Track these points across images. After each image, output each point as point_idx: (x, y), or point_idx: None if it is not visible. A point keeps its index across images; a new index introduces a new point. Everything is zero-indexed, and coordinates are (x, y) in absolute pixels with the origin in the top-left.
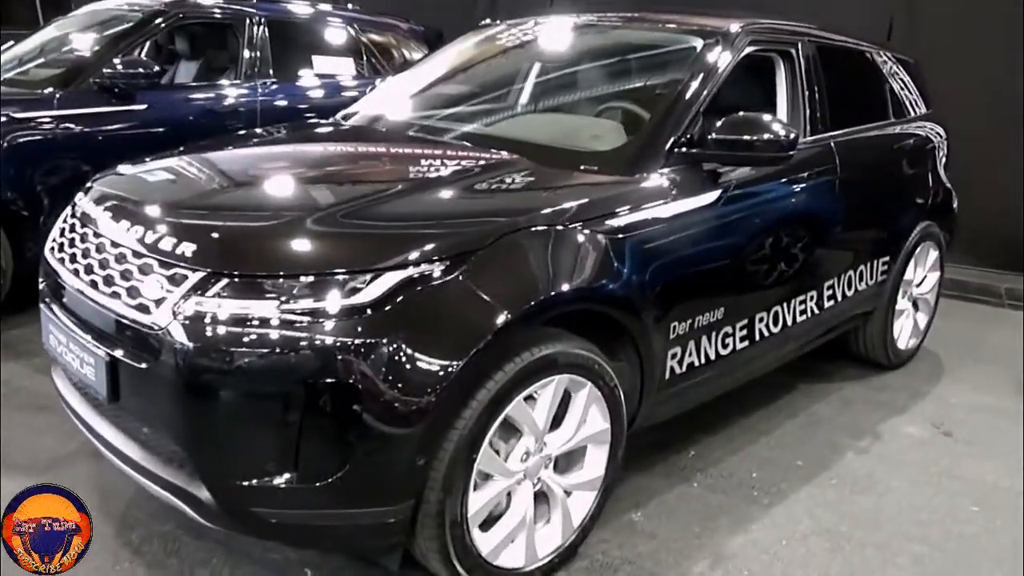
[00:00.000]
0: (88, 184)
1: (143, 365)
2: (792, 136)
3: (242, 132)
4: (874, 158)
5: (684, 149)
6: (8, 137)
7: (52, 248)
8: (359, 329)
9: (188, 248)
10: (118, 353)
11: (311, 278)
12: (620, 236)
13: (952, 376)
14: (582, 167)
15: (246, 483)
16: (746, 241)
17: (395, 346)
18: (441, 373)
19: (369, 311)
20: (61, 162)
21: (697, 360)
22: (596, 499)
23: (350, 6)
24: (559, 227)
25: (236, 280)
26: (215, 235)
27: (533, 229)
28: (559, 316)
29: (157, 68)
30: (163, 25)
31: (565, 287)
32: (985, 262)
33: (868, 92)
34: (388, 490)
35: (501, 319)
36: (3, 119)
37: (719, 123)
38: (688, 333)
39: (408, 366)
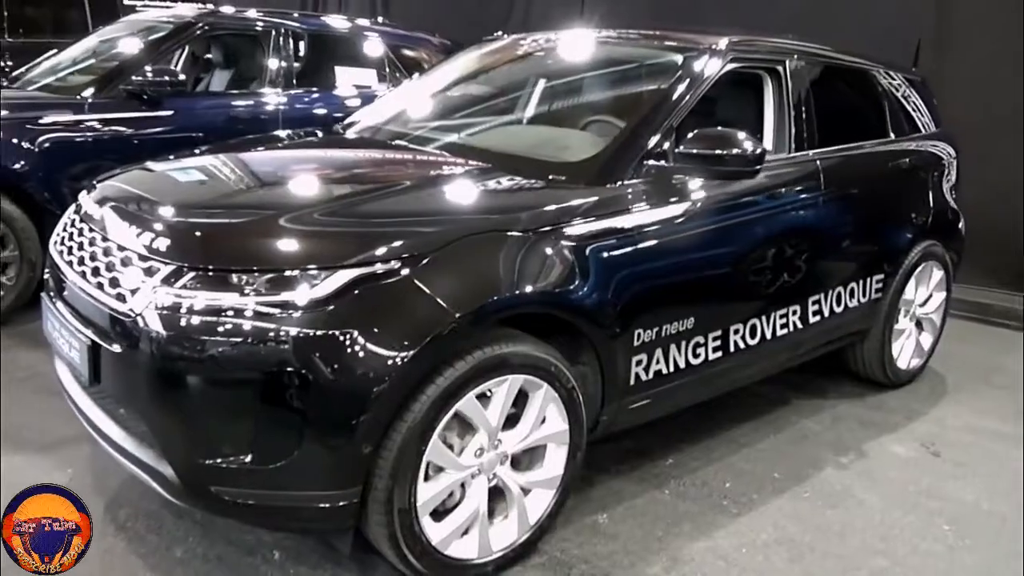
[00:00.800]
0: (91, 183)
1: (118, 349)
2: (758, 151)
3: (241, 139)
4: (865, 176)
5: (654, 161)
6: (42, 140)
7: (55, 241)
8: (311, 322)
9: (162, 243)
10: (98, 338)
11: (270, 274)
12: (579, 243)
13: (954, 398)
14: (550, 177)
15: (205, 462)
16: (717, 254)
17: (344, 339)
18: (387, 366)
19: (322, 306)
20: (91, 163)
21: (665, 368)
22: (555, 497)
23: (380, 19)
24: (517, 232)
25: (202, 273)
26: (185, 231)
27: (491, 233)
28: (518, 318)
29: (183, 76)
30: (192, 36)
31: (518, 290)
32: (1009, 285)
33: (864, 110)
34: (335, 475)
35: (449, 318)
36: (38, 123)
37: (688, 137)
38: (654, 341)
39: (355, 359)
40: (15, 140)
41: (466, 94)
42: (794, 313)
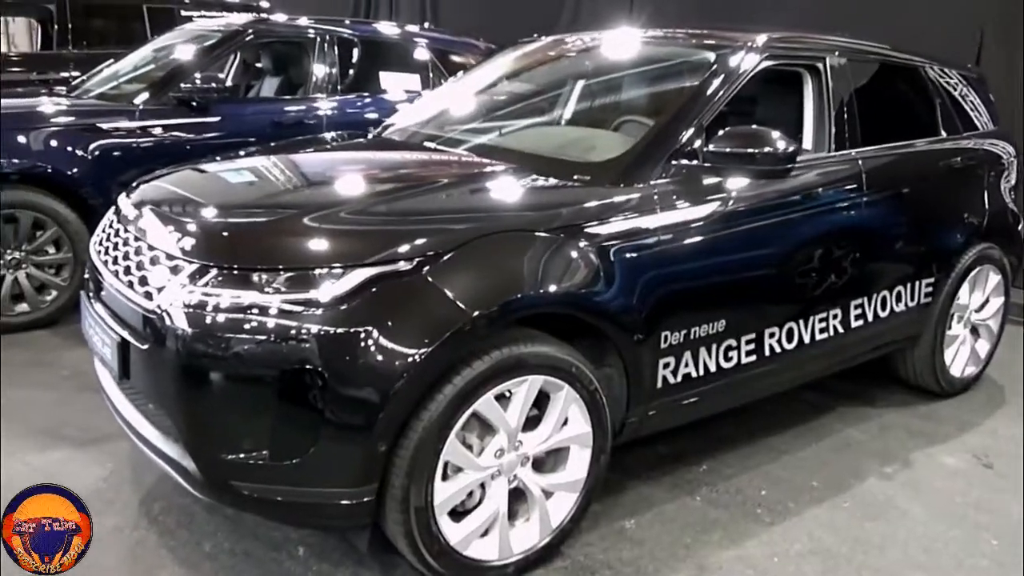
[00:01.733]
0: (132, 185)
1: (146, 346)
2: (790, 150)
3: (277, 143)
4: (913, 175)
5: (683, 160)
6: (95, 146)
7: (94, 242)
8: (330, 320)
9: (188, 242)
10: (128, 335)
11: (291, 272)
12: (603, 244)
13: (1011, 409)
14: (575, 177)
15: (226, 457)
16: (749, 256)
17: (362, 337)
18: (404, 364)
19: (340, 304)
20: (141, 168)
21: (695, 371)
22: (578, 501)
23: (427, 25)
24: (538, 232)
25: (224, 272)
26: (210, 231)
27: (510, 233)
28: (540, 319)
29: (230, 83)
30: (241, 43)
31: (538, 291)
32: None
33: (913, 108)
34: (351, 472)
35: (466, 317)
36: (92, 130)
37: (718, 135)
38: (683, 343)
39: (372, 356)
40: (70, 146)
41: (499, 96)
42: (835, 317)
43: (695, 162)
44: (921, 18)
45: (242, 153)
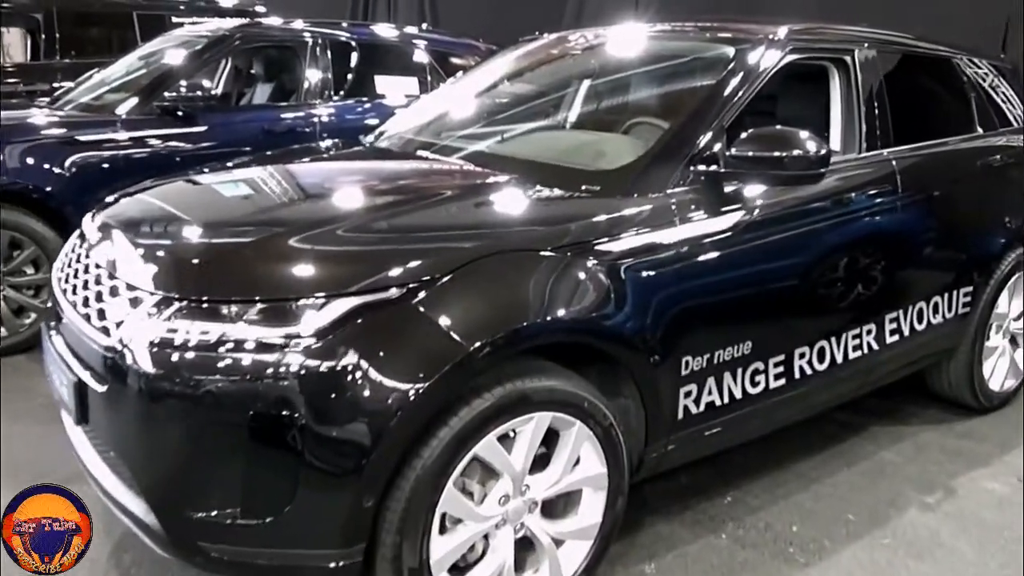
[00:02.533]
0: (98, 204)
1: (104, 387)
2: (822, 152)
3: (258, 154)
4: (949, 176)
5: (703, 167)
6: (73, 159)
7: (56, 267)
8: (309, 356)
9: (149, 270)
10: (85, 374)
11: (261, 304)
12: (615, 262)
13: None
14: (584, 187)
15: (193, 515)
16: (776, 270)
17: (344, 376)
18: (391, 406)
19: (321, 338)
20: (124, 182)
21: (719, 399)
22: (592, 548)
23: (425, 26)
24: (543, 251)
25: (190, 305)
26: (174, 257)
27: (512, 253)
28: (547, 348)
29: (221, 91)
30: (228, 49)
31: (544, 318)
32: None
33: (948, 102)
34: (334, 532)
35: (463, 350)
36: (71, 143)
37: (741, 137)
38: (706, 369)
39: (355, 397)
40: (48, 161)
41: (499, 99)
42: (868, 333)
43: (715, 168)
44: (943, 7)
45: (218, 166)
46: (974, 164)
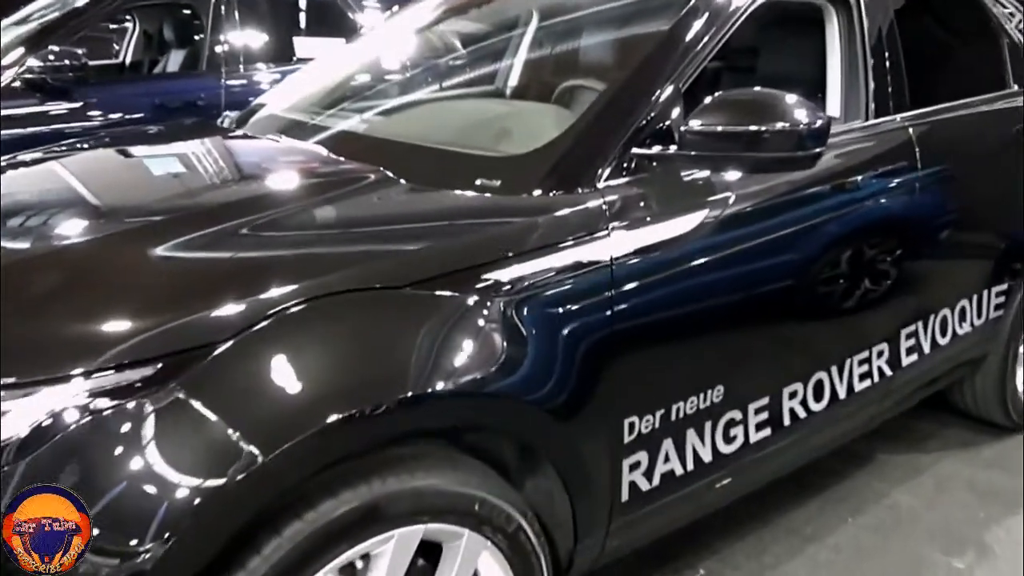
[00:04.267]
0: None
1: None
2: (817, 124)
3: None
4: (980, 146)
5: (650, 148)
6: None
7: None
8: (9, 478)
9: None
10: None
11: None
12: (515, 296)
13: None
14: (478, 183)
15: None
16: (756, 285)
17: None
18: (143, 555)
19: (24, 451)
20: None
21: (680, 467)
22: None
23: None
24: (405, 287)
25: None
26: None
27: (352, 294)
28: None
29: (86, 60)
30: (112, 7)
31: (402, 391)
32: None
33: (973, 51)
34: None
35: (251, 460)
36: None
37: (703, 105)
38: (660, 429)
39: (83, 546)
40: None
41: (400, 60)
42: (880, 355)
43: (670, 149)
44: None
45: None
46: (1010, 130)
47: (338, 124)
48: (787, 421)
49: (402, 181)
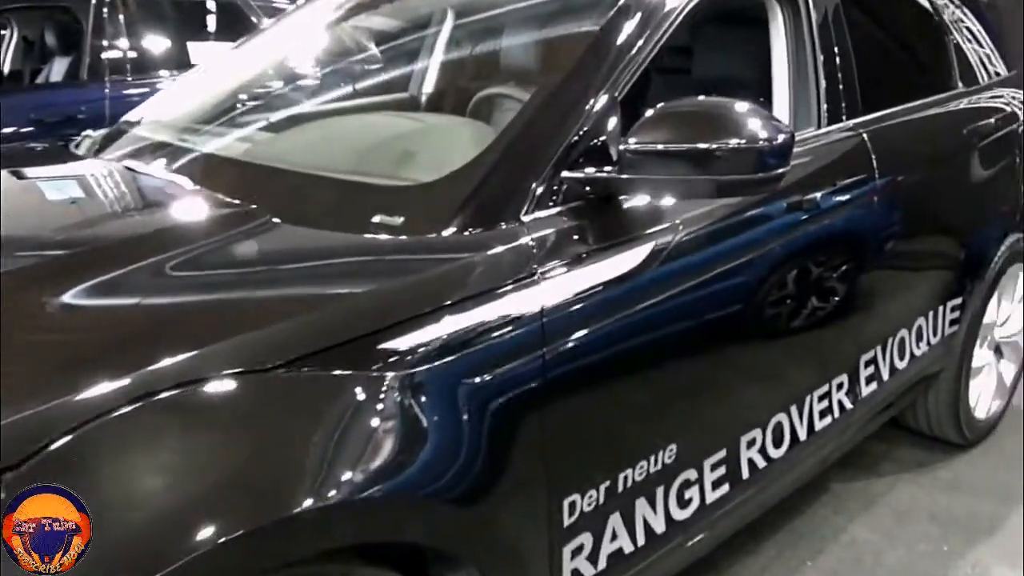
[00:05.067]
0: None
1: None
2: (779, 140)
3: None
4: (934, 152)
5: (582, 170)
6: None
7: None
8: None
9: None
10: None
11: None
12: (415, 370)
13: None
14: (375, 221)
15: None
16: (712, 325)
17: None
18: None
19: None
20: None
21: (630, 542)
22: None
23: None
24: (271, 367)
25: None
26: None
27: (191, 387)
28: None
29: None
30: None
31: (265, 515)
32: None
33: (923, 51)
34: None
35: None
36: None
37: (644, 120)
38: (604, 505)
39: None
40: None
41: (294, 64)
42: (840, 388)
43: (605, 172)
44: None
45: None
46: (961, 132)
47: (211, 145)
48: (745, 474)
49: (276, 221)
